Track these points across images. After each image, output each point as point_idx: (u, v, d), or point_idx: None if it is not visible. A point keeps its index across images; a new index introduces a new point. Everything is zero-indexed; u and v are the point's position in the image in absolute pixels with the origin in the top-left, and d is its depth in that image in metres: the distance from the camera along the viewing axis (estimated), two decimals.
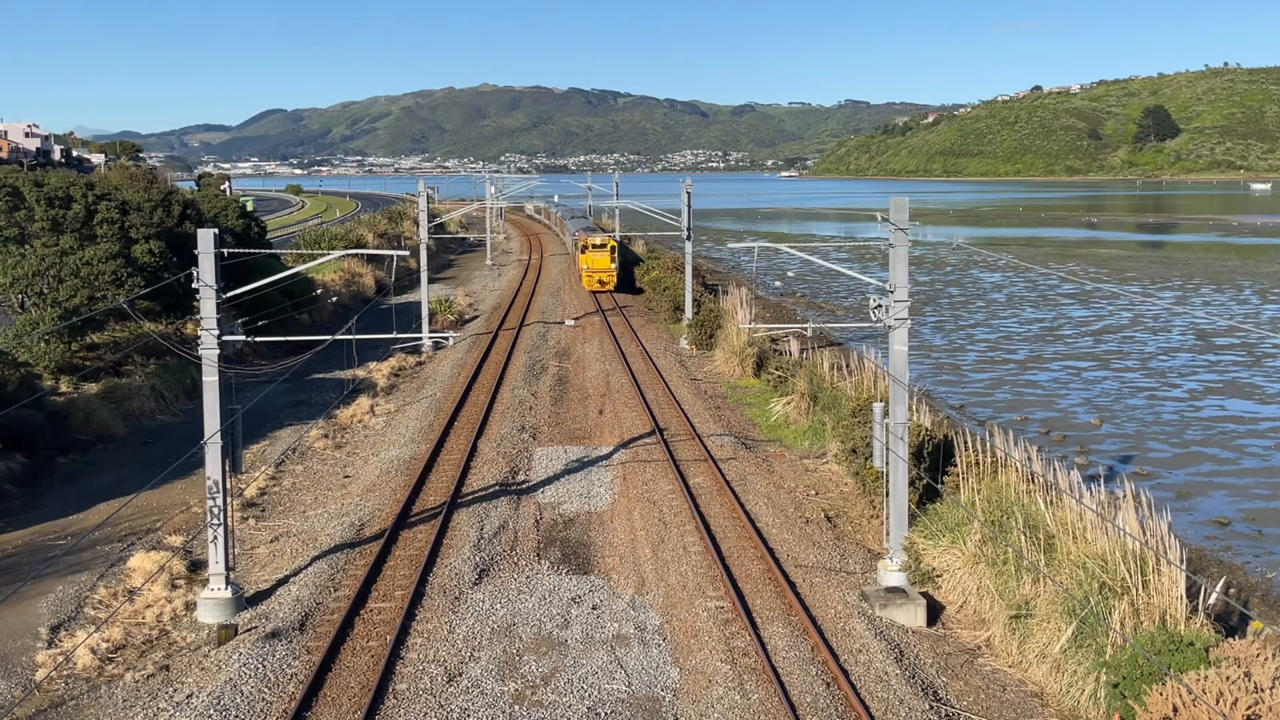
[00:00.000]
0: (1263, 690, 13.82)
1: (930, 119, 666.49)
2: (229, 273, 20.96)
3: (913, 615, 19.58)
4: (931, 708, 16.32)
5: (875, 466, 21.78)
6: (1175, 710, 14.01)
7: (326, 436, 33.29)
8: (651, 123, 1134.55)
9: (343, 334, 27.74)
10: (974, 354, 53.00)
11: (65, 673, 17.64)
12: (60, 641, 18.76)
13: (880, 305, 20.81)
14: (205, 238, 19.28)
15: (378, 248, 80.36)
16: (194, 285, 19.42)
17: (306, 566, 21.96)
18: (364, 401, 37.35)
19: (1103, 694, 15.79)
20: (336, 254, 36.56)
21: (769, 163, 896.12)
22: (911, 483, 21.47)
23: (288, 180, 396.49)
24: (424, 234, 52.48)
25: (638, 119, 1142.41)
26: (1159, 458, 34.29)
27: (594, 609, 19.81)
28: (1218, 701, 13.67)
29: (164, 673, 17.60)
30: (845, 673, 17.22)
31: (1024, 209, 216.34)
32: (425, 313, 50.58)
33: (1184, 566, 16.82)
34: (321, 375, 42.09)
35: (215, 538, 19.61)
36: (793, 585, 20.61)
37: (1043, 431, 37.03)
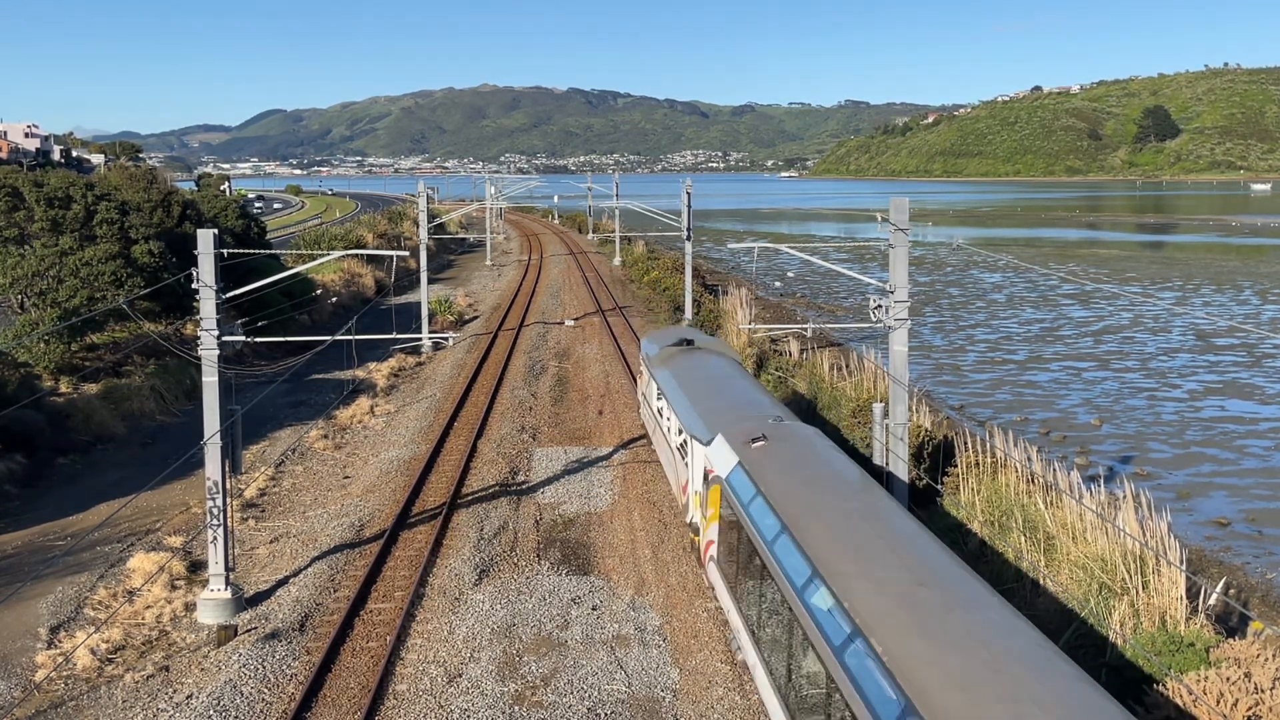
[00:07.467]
0: (1263, 691, 13.81)
1: (930, 119, 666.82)
2: (229, 273, 20.94)
3: None
4: None
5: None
6: (1176, 711, 13.98)
7: (326, 437, 33.28)
8: (651, 123, 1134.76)
9: (342, 334, 27.72)
10: (974, 354, 52.98)
11: (65, 673, 17.64)
12: (60, 642, 18.76)
13: (880, 306, 20.81)
14: (205, 238, 19.26)
15: (377, 248, 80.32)
16: (194, 286, 19.40)
17: (306, 567, 21.95)
18: (364, 402, 37.35)
19: None
20: (336, 254, 36.49)
21: (769, 163, 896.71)
22: (911, 483, 21.46)
23: (287, 181, 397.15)
24: (424, 234, 52.47)
25: (638, 119, 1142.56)
26: (1159, 458, 34.27)
27: (594, 609, 19.79)
28: (1218, 702, 13.66)
29: (164, 673, 17.60)
30: None
31: (1023, 209, 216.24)
32: (425, 313, 50.56)
33: (1184, 567, 16.80)
34: (321, 376, 42.08)
35: (215, 538, 19.59)
36: None
37: (1043, 432, 37.02)
